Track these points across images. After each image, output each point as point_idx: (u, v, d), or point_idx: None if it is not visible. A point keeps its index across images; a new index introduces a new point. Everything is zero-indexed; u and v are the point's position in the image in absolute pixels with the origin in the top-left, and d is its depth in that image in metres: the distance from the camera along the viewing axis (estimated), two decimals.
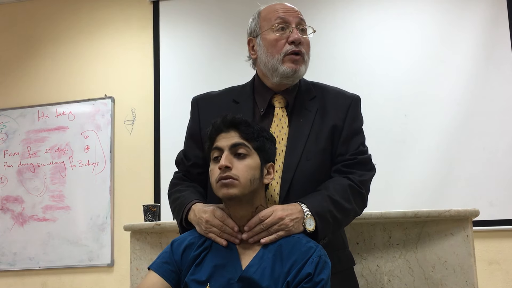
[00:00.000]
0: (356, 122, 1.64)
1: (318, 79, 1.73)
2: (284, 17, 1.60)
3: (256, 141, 1.40)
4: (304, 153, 1.54)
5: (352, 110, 1.63)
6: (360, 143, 1.62)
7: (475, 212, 2.04)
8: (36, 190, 4.10)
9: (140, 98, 4.08)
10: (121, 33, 4.24)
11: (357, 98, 1.68)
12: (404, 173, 3.48)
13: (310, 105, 1.62)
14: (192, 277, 1.37)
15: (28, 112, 4.22)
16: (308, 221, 1.41)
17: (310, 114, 1.60)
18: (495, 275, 3.32)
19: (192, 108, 1.72)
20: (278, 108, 1.62)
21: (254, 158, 1.39)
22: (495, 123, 3.42)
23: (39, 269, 4.00)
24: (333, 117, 1.60)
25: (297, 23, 1.60)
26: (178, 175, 1.70)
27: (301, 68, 1.59)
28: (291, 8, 1.63)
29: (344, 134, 1.60)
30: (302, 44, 1.59)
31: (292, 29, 1.58)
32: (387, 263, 2.06)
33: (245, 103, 1.64)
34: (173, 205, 1.62)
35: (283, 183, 1.52)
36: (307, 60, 1.61)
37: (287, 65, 1.57)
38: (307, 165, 1.54)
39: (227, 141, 1.39)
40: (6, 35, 4.44)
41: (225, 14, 4.00)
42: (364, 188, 1.57)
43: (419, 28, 3.66)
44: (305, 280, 1.29)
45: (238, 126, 1.41)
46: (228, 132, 1.41)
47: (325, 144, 1.57)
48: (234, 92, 1.69)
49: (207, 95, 1.73)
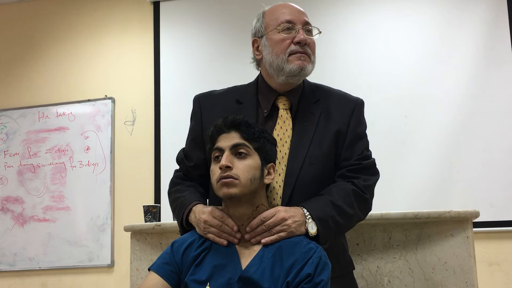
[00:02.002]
0: (360, 127, 1.64)
1: (318, 80, 1.73)
2: (290, 18, 1.60)
3: (257, 142, 1.41)
4: (307, 157, 1.54)
5: (356, 114, 1.63)
6: (364, 148, 1.62)
7: (475, 213, 2.04)
8: (36, 190, 4.10)
9: (141, 98, 4.08)
10: (122, 34, 4.24)
11: (361, 102, 1.67)
12: (404, 174, 3.48)
13: (314, 108, 1.62)
14: (192, 277, 1.37)
15: (28, 113, 4.23)
16: (310, 225, 1.41)
17: (313, 118, 1.59)
18: (495, 276, 3.32)
19: (194, 106, 1.70)
20: (283, 110, 1.61)
21: (254, 158, 1.40)
22: (495, 124, 3.42)
23: (39, 270, 4.00)
24: (337, 121, 1.60)
25: (303, 24, 1.60)
26: (178, 174, 1.69)
27: (308, 66, 1.58)
28: (297, 9, 1.63)
29: (348, 138, 1.59)
30: (308, 45, 1.59)
31: (298, 30, 1.58)
32: (387, 264, 2.06)
33: (249, 103, 1.63)
34: (173, 205, 1.62)
35: (286, 188, 1.51)
36: (313, 60, 1.61)
37: (294, 62, 1.56)
38: (310, 169, 1.53)
39: (228, 142, 1.40)
40: (6, 35, 4.45)
41: (225, 15, 4.01)
42: (368, 193, 1.56)
43: (419, 29, 3.66)
44: (305, 281, 1.29)
45: (239, 126, 1.41)
46: (229, 133, 1.41)
47: (328, 148, 1.57)
48: (237, 92, 1.68)
49: (209, 93, 1.72)
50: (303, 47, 1.57)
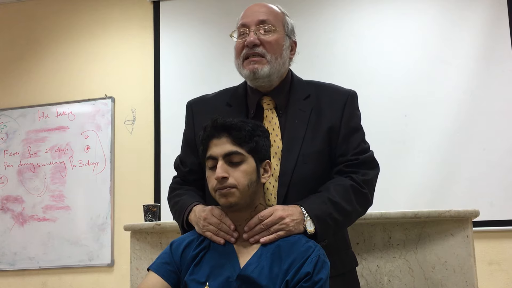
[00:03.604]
0: (354, 119, 1.61)
1: (318, 80, 1.71)
2: (243, 22, 1.60)
3: (249, 143, 1.38)
4: (300, 156, 1.52)
5: (348, 107, 1.60)
6: (361, 140, 1.59)
7: (475, 213, 2.04)
8: (36, 190, 4.10)
9: (141, 98, 4.08)
10: (122, 33, 4.24)
11: (353, 93, 1.64)
12: (404, 174, 3.48)
13: (304, 105, 1.59)
14: (191, 277, 1.37)
15: (28, 112, 4.23)
16: (308, 223, 1.41)
17: (304, 115, 1.57)
18: (495, 275, 3.32)
19: (186, 113, 1.71)
20: (267, 110, 1.60)
21: (249, 162, 1.38)
22: (496, 124, 3.42)
23: (39, 269, 4.00)
24: (328, 116, 1.57)
25: (257, 24, 1.58)
26: (176, 180, 1.70)
27: (262, 68, 1.55)
28: (254, 10, 1.61)
29: (342, 132, 1.57)
30: (261, 45, 1.56)
31: (249, 32, 1.57)
32: (387, 264, 2.06)
33: (238, 106, 1.63)
34: (173, 209, 1.62)
35: (281, 188, 1.50)
36: (271, 60, 1.56)
37: (246, 67, 1.57)
38: (304, 168, 1.51)
39: (220, 149, 1.38)
40: (6, 35, 4.44)
41: (225, 14, 4.00)
42: (367, 187, 1.54)
43: (419, 29, 3.66)
44: (304, 280, 1.29)
45: (229, 130, 1.39)
46: (220, 138, 1.39)
47: (321, 145, 1.55)
48: (228, 95, 1.68)
49: (201, 99, 1.73)
50: (252, 49, 1.56)
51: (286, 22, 1.63)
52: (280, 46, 1.59)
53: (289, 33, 1.63)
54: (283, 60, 1.59)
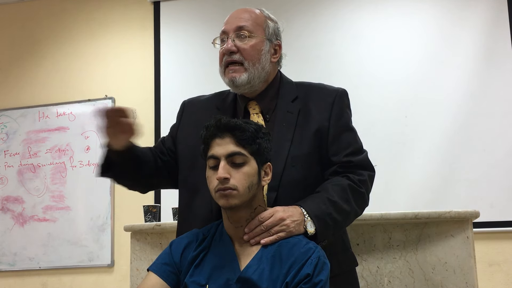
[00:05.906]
0: (343, 118, 1.59)
1: (317, 81, 1.70)
2: (223, 29, 1.62)
3: (252, 145, 1.37)
4: (288, 159, 1.51)
5: (336, 106, 1.58)
6: (352, 140, 1.58)
7: (475, 214, 2.04)
8: (36, 190, 4.10)
9: (141, 98, 4.07)
10: (122, 34, 4.24)
11: (341, 92, 1.62)
12: (405, 174, 3.48)
13: (292, 107, 1.58)
14: (192, 279, 1.37)
15: (28, 113, 4.22)
16: (309, 224, 1.41)
17: (292, 117, 1.56)
18: (496, 276, 3.32)
19: (179, 109, 1.77)
20: (253, 114, 1.59)
21: (251, 164, 1.37)
22: (496, 125, 3.42)
23: (39, 270, 4.00)
24: (317, 117, 1.56)
25: (235, 31, 1.59)
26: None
27: (240, 76, 1.55)
28: (233, 16, 1.63)
29: (332, 133, 1.55)
30: (239, 51, 1.56)
31: (227, 39, 1.59)
32: (387, 264, 2.06)
33: (226, 110, 1.63)
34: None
35: (270, 191, 1.49)
36: (249, 67, 1.55)
37: (227, 76, 1.58)
38: (293, 171, 1.50)
39: (223, 149, 1.36)
40: (6, 35, 4.44)
41: (226, 14, 3.98)
42: (364, 187, 1.53)
43: (419, 29, 3.66)
44: (304, 281, 1.28)
45: (233, 131, 1.37)
46: (223, 138, 1.37)
47: (310, 147, 1.53)
48: (220, 98, 1.69)
49: (195, 99, 1.76)
50: (230, 56, 1.56)
51: (267, 26, 1.63)
52: (258, 51, 1.58)
53: (270, 37, 1.62)
54: (262, 65, 1.58)
